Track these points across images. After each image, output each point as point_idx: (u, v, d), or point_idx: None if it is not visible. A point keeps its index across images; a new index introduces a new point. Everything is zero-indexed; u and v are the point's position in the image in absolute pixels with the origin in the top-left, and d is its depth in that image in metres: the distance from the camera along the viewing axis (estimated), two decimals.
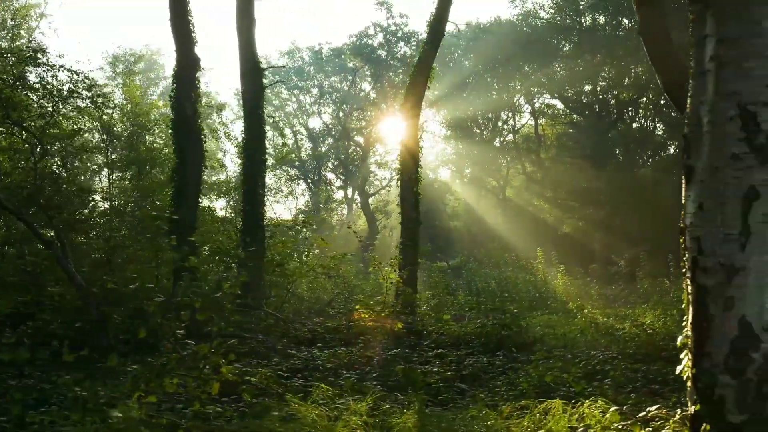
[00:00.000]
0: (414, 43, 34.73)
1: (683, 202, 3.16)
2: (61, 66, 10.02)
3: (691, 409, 3.11)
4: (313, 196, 48.27)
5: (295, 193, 50.73)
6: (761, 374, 2.91)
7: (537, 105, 41.82)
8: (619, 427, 3.38)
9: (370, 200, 40.33)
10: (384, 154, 38.88)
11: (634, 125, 39.11)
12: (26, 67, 10.16)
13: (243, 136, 11.63)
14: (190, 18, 9.60)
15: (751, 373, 2.92)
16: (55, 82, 10.09)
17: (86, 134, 15.87)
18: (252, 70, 11.68)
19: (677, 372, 3.19)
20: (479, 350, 8.81)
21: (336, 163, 44.15)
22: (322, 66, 38.48)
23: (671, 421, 3.38)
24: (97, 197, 11.67)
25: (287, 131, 51.47)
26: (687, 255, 3.12)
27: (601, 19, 37.03)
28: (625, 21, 35.64)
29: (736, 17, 2.90)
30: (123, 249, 9.32)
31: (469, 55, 41.63)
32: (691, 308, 3.12)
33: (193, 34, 9.64)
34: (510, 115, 43.93)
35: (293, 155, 50.53)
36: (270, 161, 49.44)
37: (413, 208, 10.84)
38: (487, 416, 3.74)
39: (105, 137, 14.45)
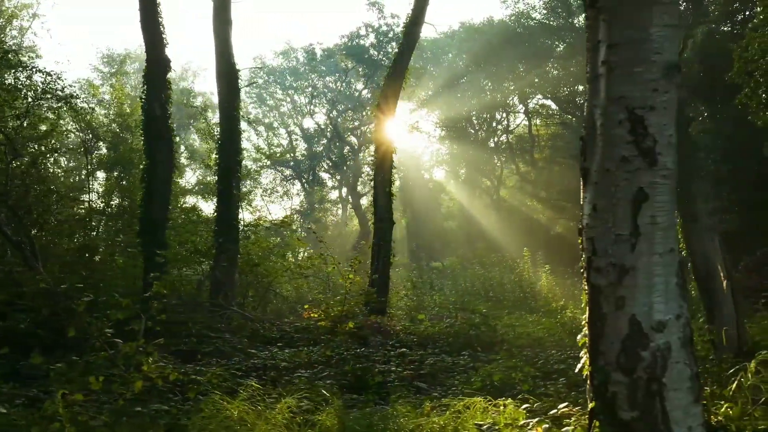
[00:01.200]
0: None
1: (581, 203, 3.23)
2: (33, 67, 10.08)
3: (589, 405, 3.18)
4: (308, 196, 48.41)
5: (290, 193, 50.81)
6: (650, 372, 2.98)
7: (531, 105, 41.90)
8: (529, 425, 3.45)
9: (362, 200, 40.39)
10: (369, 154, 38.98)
11: None
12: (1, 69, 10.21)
13: (218, 136, 11.70)
14: (160, 20, 9.67)
15: (640, 371, 2.98)
16: (28, 83, 10.13)
17: (70, 135, 15.91)
18: (227, 71, 11.75)
19: (576, 370, 3.26)
20: (446, 350, 8.89)
21: (329, 163, 44.26)
22: (315, 66, 38.55)
23: (573, 418, 3.44)
24: (75, 198, 11.72)
25: (282, 131, 51.68)
26: (584, 255, 3.19)
27: None
28: None
29: (626, 23, 2.96)
30: (95, 249, 9.38)
31: (463, 55, 41.73)
32: (587, 308, 3.19)
33: (164, 36, 9.72)
34: (504, 115, 44.00)
35: (288, 155, 50.75)
36: (265, 161, 49.78)
37: (386, 209, 10.90)
38: (402, 413, 3.81)
39: (89, 137, 14.49)
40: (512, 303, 17.86)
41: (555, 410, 3.59)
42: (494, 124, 44.12)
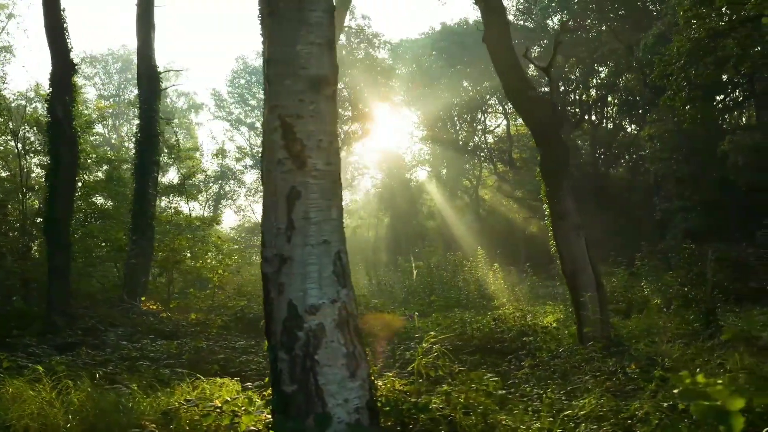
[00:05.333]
0: (377, 44, 35.14)
1: None
2: None
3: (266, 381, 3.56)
4: None
5: None
6: (305, 350, 3.36)
7: (509, 106, 42.25)
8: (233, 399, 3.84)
9: None
10: (347, 155, 39.23)
11: (610, 125, 39.61)
12: None
13: (136, 136, 12.08)
14: (64, 24, 10.03)
15: (298, 349, 3.36)
16: None
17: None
18: (148, 73, 12.13)
19: (265, 349, 3.63)
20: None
21: None
22: None
23: (268, 393, 3.82)
24: None
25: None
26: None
27: (570, 22, 37.43)
28: (589, 22, 36.15)
29: (279, 41, 3.34)
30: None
31: (443, 56, 42.14)
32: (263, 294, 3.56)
33: (68, 40, 10.09)
34: (483, 116, 44.35)
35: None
36: (249, 161, 49.95)
37: None
38: (137, 393, 4.20)
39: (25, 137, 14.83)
40: (456, 301, 18.27)
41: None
42: (474, 124, 44.49)
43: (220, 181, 53.45)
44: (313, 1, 3.29)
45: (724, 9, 14.17)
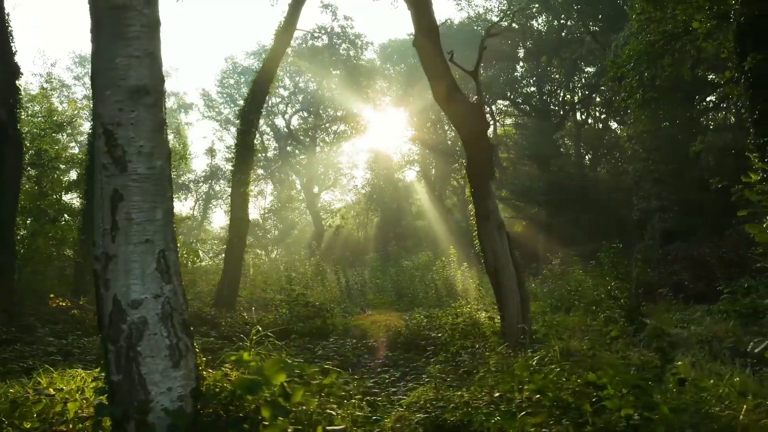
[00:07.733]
0: (359, 45, 35.37)
1: None
2: None
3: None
4: (278, 195, 49.05)
5: (265, 193, 51.39)
6: (128, 342, 3.60)
7: (500, 106, 42.53)
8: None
9: (324, 197, 40.93)
10: (335, 156, 39.44)
11: (597, 125, 39.84)
12: None
13: (89, 138, 12.33)
14: (9, 27, 10.27)
15: (122, 340, 3.60)
16: None
17: None
18: None
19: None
20: (263, 339, 9.53)
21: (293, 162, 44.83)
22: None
23: None
24: None
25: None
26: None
27: (555, 23, 37.67)
28: (571, 23, 36.37)
29: (101, 53, 3.58)
30: None
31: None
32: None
33: (13, 44, 10.33)
34: None
35: (259, 155, 51.39)
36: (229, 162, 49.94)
37: (240, 207, 11.51)
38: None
39: None
40: (422, 300, 18.54)
41: None
42: None
43: (210, 181, 53.47)
44: (131, 17, 3.53)
45: (677, 12, 14.39)
